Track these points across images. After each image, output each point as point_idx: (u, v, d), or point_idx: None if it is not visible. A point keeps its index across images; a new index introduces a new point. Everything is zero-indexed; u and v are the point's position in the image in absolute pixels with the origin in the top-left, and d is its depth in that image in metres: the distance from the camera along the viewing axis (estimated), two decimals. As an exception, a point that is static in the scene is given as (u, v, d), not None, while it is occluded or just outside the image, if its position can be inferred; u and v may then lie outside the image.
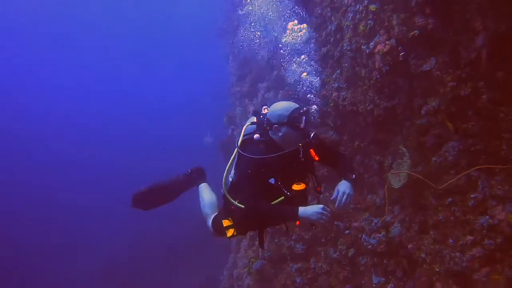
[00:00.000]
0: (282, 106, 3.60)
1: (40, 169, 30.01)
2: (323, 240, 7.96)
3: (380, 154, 6.95)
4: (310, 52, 8.44)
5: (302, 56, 8.86)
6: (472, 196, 5.06)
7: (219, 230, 4.07)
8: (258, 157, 3.43)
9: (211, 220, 4.40)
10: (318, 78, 8.00)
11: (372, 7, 6.16)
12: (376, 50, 5.99)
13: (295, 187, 3.44)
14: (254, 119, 3.89)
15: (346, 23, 7.05)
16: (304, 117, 3.51)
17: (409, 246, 6.08)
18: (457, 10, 4.82)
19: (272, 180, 3.48)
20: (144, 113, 36.02)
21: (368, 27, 6.35)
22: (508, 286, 4.61)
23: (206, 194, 4.83)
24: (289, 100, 3.77)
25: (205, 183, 5.02)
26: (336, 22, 7.61)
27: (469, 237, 5.04)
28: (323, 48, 8.23)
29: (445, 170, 5.40)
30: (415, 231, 6.06)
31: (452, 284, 5.30)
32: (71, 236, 22.93)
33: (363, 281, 7.09)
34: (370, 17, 6.31)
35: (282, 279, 8.57)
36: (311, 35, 8.53)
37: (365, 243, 6.83)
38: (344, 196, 3.33)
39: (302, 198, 3.49)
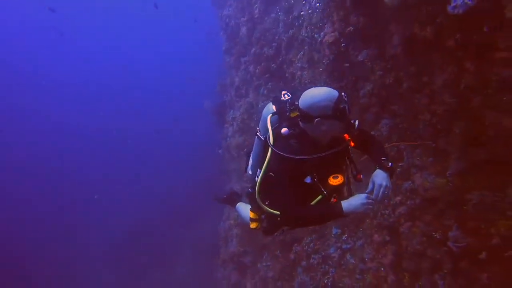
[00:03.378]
0: (323, 95, 2.85)
1: (40, 137, 29.76)
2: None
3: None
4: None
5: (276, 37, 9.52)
6: (400, 164, 5.88)
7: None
8: (299, 157, 2.84)
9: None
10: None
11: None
12: (324, 40, 6.65)
13: (332, 181, 2.94)
14: (273, 108, 3.28)
15: (304, 12, 7.66)
16: (346, 105, 2.87)
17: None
18: (381, 13, 5.48)
19: (308, 179, 2.95)
20: (148, 78, 35.35)
21: (319, 18, 6.99)
22: (424, 236, 5.50)
23: (245, 209, 4.33)
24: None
25: (240, 202, 4.75)
26: (298, 10, 8.20)
27: (397, 198, 5.90)
28: (290, 31, 8.84)
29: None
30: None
31: (386, 235, 6.22)
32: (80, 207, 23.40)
33: (326, 232, 8.02)
34: (321, 10, 6.94)
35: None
36: (281, 18, 9.17)
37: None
38: (382, 189, 2.84)
39: (339, 192, 3.07)
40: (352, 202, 2.81)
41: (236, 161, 11.86)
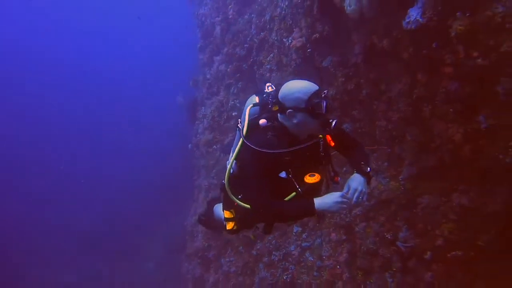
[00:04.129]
0: (299, 88, 2.79)
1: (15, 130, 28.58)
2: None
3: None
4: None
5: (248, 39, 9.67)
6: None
7: (219, 223, 3.61)
8: (269, 151, 2.71)
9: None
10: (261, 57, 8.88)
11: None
12: (292, 45, 6.85)
13: (308, 179, 2.86)
14: (256, 99, 3.14)
15: (276, 16, 7.85)
16: (325, 102, 2.74)
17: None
18: (343, 23, 5.70)
19: (283, 174, 2.84)
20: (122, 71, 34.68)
21: (288, 24, 7.18)
22: (376, 236, 5.76)
23: (219, 210, 3.93)
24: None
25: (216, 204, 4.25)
26: (270, 13, 8.38)
27: (354, 199, 6.14)
28: (261, 33, 9.01)
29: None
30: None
31: (342, 234, 6.46)
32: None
33: (287, 229, 8.22)
34: (290, 15, 7.13)
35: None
36: (254, 21, 9.33)
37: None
38: (356, 194, 2.75)
39: (316, 192, 2.96)
40: (325, 200, 2.71)
41: (205, 158, 11.96)
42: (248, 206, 2.88)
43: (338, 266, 6.52)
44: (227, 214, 3.33)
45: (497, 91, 3.72)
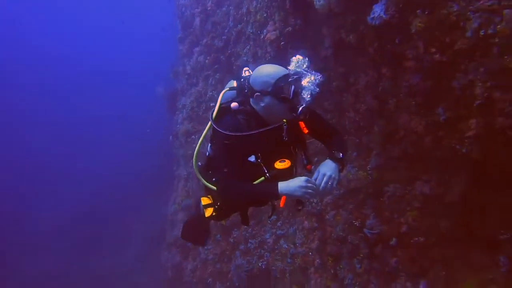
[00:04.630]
0: (268, 71, 2.79)
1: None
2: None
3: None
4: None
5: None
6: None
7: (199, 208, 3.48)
8: (233, 134, 2.67)
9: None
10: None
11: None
12: (266, 38, 6.96)
13: (278, 165, 2.76)
14: (234, 83, 3.11)
15: (252, 9, 7.93)
16: (293, 87, 2.75)
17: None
18: (314, 17, 5.83)
19: (252, 158, 2.79)
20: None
21: (263, 16, 7.28)
22: (345, 224, 5.95)
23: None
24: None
25: None
26: (246, 6, 8.46)
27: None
28: (238, 25, 9.09)
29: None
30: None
31: (314, 222, 6.65)
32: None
33: (263, 218, 8.39)
34: (264, 9, 7.23)
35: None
36: (232, 13, 9.40)
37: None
38: (325, 179, 2.67)
39: (286, 178, 2.73)
40: (290, 184, 2.59)
41: (184, 147, 12.04)
42: (215, 188, 2.88)
43: (310, 253, 6.71)
44: (204, 201, 3.26)
45: (453, 86, 3.90)
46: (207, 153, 3.13)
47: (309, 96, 2.78)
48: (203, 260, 9.80)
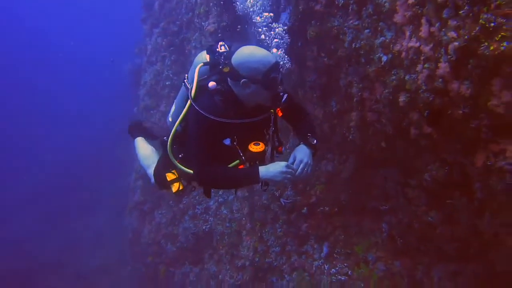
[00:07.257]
0: (259, 58, 2.49)
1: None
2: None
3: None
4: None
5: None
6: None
7: (163, 183, 3.24)
8: (215, 118, 2.52)
9: (152, 171, 3.50)
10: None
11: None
12: (206, 29, 7.44)
13: (253, 148, 2.68)
14: (205, 56, 2.87)
15: (199, 1, 8.36)
16: (280, 76, 2.57)
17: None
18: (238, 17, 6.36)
19: (227, 141, 2.67)
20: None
21: (205, 10, 7.74)
22: (269, 194, 6.63)
23: (143, 146, 3.90)
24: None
25: (141, 137, 4.05)
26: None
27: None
28: (190, 13, 9.49)
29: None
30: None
31: (245, 191, 7.32)
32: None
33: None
34: (206, 3, 7.68)
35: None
36: (185, 1, 9.77)
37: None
38: (301, 165, 2.62)
39: (259, 160, 2.74)
40: (270, 169, 2.56)
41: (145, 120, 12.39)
42: (186, 168, 2.83)
43: (243, 218, 7.40)
44: (169, 176, 3.11)
45: (340, 85, 4.56)
46: (175, 128, 2.81)
47: None
48: (157, 223, 10.41)
